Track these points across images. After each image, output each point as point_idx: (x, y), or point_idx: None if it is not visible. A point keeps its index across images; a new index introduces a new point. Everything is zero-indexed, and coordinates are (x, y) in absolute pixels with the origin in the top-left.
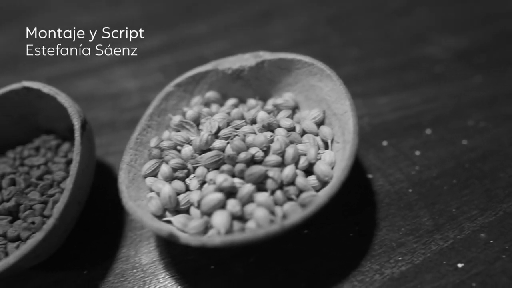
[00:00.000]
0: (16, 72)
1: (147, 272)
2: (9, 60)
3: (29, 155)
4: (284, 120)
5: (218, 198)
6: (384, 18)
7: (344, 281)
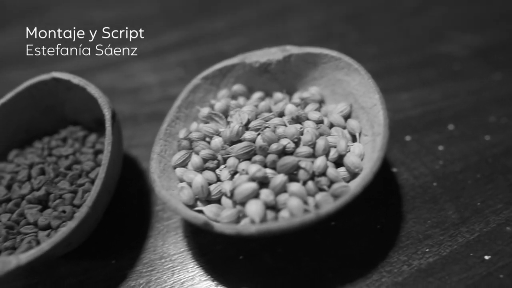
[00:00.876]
0: (35, 66)
1: (175, 262)
2: (28, 55)
3: (56, 146)
4: (312, 113)
5: (252, 188)
6: (401, 16)
7: (372, 271)
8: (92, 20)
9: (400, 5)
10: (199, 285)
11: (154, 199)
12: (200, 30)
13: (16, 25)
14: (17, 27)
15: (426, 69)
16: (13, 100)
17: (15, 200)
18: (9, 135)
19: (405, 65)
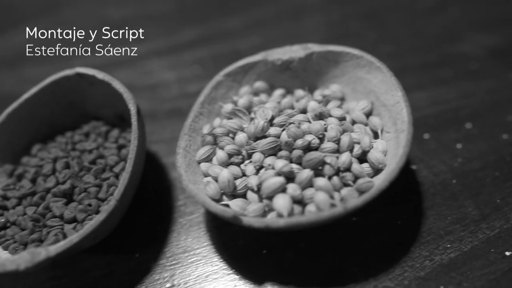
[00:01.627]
0: (51, 62)
1: (199, 255)
2: (46, 51)
3: (79, 140)
4: (334, 109)
5: (279, 182)
6: (416, 16)
7: (395, 266)
8: (107, 18)
9: (416, 5)
10: (223, 279)
11: (176, 194)
12: (215, 28)
13: (31, 23)
14: (32, 26)
15: (442, 68)
16: (37, 96)
17: (40, 193)
18: (32, 129)
19: (421, 65)
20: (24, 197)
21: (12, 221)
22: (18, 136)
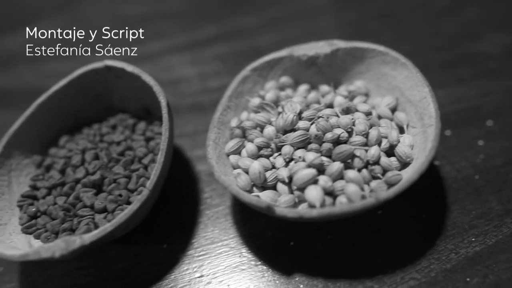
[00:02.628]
0: (71, 58)
1: (227, 247)
2: (65, 47)
3: (107, 132)
4: (361, 105)
5: (312, 173)
6: (434, 15)
7: (421, 258)
8: (125, 15)
9: (432, 5)
10: (251, 270)
11: (202, 186)
12: (234, 26)
13: (49, 20)
14: (49, 23)
15: (461, 67)
16: (66, 88)
17: (70, 184)
18: (60, 121)
19: (440, 63)
20: (54, 187)
21: (43, 211)
22: (46, 128)
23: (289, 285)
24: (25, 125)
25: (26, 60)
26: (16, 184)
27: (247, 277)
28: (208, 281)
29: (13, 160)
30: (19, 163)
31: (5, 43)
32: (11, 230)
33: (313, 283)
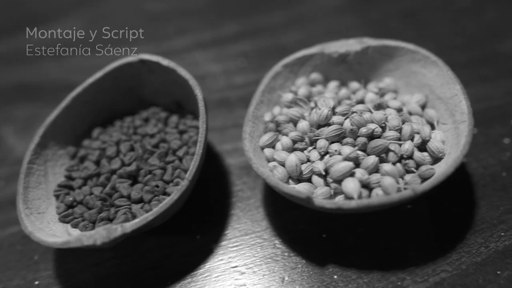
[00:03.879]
0: (97, 52)
1: (261, 238)
2: (88, 42)
3: (140, 125)
4: (392, 101)
5: (350, 166)
6: (456, 15)
7: (452, 251)
8: (147, 10)
9: (454, 4)
10: (285, 261)
11: (232, 179)
12: (256, 23)
13: (73, 15)
14: (73, 18)
15: (485, 66)
16: (100, 81)
17: (105, 174)
18: (93, 114)
19: (463, 63)
20: (90, 178)
21: (79, 200)
22: (80, 120)
23: (323, 276)
24: (60, 117)
25: (51, 56)
26: (52, 174)
27: (281, 268)
28: (243, 271)
29: (49, 151)
30: (55, 154)
31: (29, 39)
32: (49, 219)
33: (347, 274)
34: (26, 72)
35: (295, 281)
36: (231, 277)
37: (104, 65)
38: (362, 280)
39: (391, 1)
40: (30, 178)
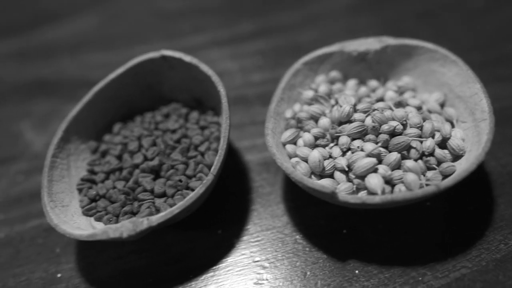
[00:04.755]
0: (113, 49)
1: (282, 233)
2: (104, 39)
3: (161, 121)
4: (411, 99)
5: (373, 162)
6: (471, 15)
7: (471, 248)
8: (162, 9)
9: (469, 5)
10: (307, 255)
11: (252, 175)
12: (272, 21)
13: (89, 13)
14: (89, 15)
15: (500, 67)
16: (122, 76)
17: (128, 169)
18: (113, 109)
19: (479, 63)
20: (112, 172)
21: (102, 194)
22: (101, 115)
23: (344, 271)
24: (83, 112)
25: (67, 52)
26: (74, 168)
27: (303, 262)
28: (265, 265)
29: (71, 145)
30: (77, 148)
31: (46, 35)
32: (72, 212)
33: (368, 269)
34: (43, 69)
35: (317, 275)
36: (254, 271)
37: (119, 62)
38: (383, 275)
39: (404, 1)
40: (53, 171)
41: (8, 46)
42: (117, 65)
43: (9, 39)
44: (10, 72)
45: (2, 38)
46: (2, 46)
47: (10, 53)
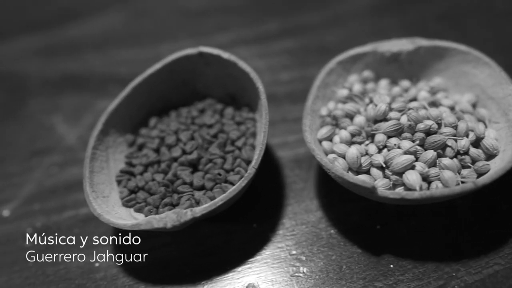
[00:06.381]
0: (139, 46)
1: (316, 227)
2: (130, 36)
3: (197, 116)
4: (445, 99)
5: (411, 159)
6: (495, 17)
7: (504, 246)
8: (186, 6)
9: (492, 7)
10: (341, 250)
11: (285, 172)
12: (297, 21)
13: (114, 10)
14: (114, 12)
15: None
16: (159, 72)
17: (166, 162)
18: (149, 104)
19: (504, 65)
20: (150, 165)
21: (141, 186)
22: (137, 109)
23: (379, 265)
24: (121, 106)
25: (93, 48)
26: (113, 161)
27: (338, 256)
28: (301, 258)
29: (109, 138)
30: (115, 141)
31: (72, 32)
32: (113, 203)
33: (402, 263)
34: (70, 64)
35: (352, 269)
36: (290, 264)
37: (146, 59)
38: (417, 270)
39: (428, 3)
40: (94, 163)
41: (35, 42)
42: (144, 61)
43: (36, 35)
44: (38, 67)
45: (29, 34)
46: (29, 42)
47: (37, 49)
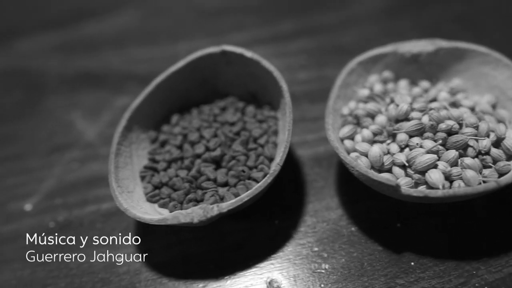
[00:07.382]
0: (156, 44)
1: (338, 225)
2: (147, 35)
3: (219, 113)
4: (465, 100)
5: (434, 158)
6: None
7: None
8: (203, 5)
9: (507, 8)
10: (362, 247)
11: (305, 170)
12: (313, 22)
13: (130, 8)
14: (131, 10)
15: None
16: (182, 70)
17: (190, 158)
18: (171, 101)
19: None
20: (174, 161)
21: (164, 182)
22: (159, 106)
23: (400, 263)
24: (144, 102)
25: (110, 46)
26: (136, 156)
27: (360, 253)
28: (323, 255)
29: (133, 134)
30: (138, 137)
31: (89, 30)
32: (137, 198)
33: (423, 261)
34: (87, 61)
35: (374, 266)
36: (313, 261)
37: (163, 57)
38: (438, 268)
39: (443, 4)
40: (119, 158)
41: (54, 40)
42: (161, 60)
43: (55, 33)
44: (56, 64)
45: (47, 32)
46: (48, 40)
47: (55, 46)
